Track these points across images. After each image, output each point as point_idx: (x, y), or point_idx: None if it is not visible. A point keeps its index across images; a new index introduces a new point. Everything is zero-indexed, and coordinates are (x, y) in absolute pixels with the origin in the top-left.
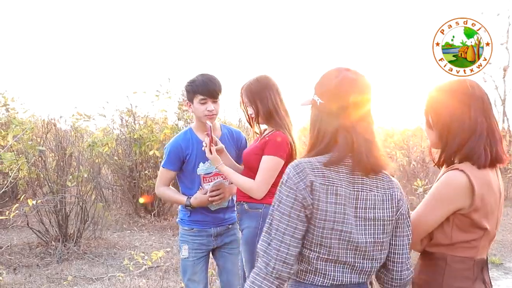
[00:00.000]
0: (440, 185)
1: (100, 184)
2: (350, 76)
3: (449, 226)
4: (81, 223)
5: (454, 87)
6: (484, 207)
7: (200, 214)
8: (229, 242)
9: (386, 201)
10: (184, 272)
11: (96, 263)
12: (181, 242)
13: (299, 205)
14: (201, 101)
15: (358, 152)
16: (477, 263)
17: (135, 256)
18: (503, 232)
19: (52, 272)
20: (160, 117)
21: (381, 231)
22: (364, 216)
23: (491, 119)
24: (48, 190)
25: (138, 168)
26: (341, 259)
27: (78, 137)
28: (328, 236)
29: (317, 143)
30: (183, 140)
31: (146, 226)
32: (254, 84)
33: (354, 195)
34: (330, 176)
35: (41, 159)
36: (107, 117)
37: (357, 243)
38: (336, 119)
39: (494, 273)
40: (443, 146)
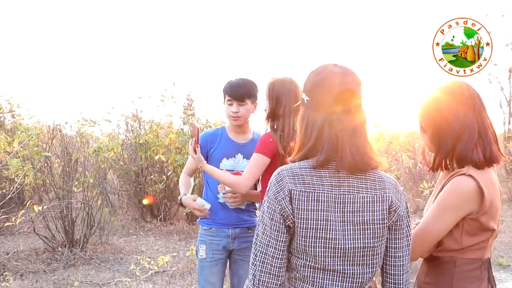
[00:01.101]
0: (448, 192)
1: (106, 189)
2: (335, 70)
3: (459, 232)
4: (87, 229)
5: (444, 90)
6: (491, 209)
7: (219, 211)
8: (245, 247)
9: (376, 203)
10: (200, 272)
11: (103, 268)
12: (199, 243)
13: (278, 216)
14: (228, 102)
15: (343, 150)
16: (484, 263)
17: (142, 261)
18: (510, 234)
19: (59, 277)
20: (166, 121)
21: (371, 235)
22: (352, 220)
23: (484, 119)
24: (54, 195)
25: (144, 173)
26: (329, 267)
27: (83, 142)
28: (311, 244)
29: (304, 142)
30: (211, 134)
31: (152, 231)
32: (278, 84)
33: (340, 199)
34: (311, 182)
35: (47, 165)
36: (113, 122)
37: (345, 249)
38: (321, 115)
39: (502, 274)
40: (436, 149)
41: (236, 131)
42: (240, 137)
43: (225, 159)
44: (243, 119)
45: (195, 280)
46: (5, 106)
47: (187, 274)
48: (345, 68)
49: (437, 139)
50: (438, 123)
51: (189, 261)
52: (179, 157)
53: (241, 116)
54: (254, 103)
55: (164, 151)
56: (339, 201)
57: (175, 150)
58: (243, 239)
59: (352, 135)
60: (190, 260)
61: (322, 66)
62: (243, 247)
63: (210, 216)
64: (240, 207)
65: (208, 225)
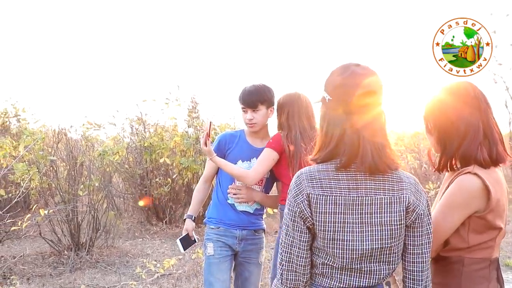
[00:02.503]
0: (454, 190)
1: (111, 193)
2: (358, 71)
3: (465, 230)
4: (93, 232)
5: (449, 90)
6: (498, 207)
7: (228, 211)
8: (250, 250)
9: (394, 204)
10: (208, 270)
11: (109, 271)
12: (207, 241)
13: (298, 218)
14: (243, 109)
15: (364, 151)
16: (492, 262)
17: (148, 264)
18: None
19: (65, 281)
20: (170, 124)
21: (388, 236)
22: (370, 221)
23: (489, 120)
24: (59, 199)
25: (149, 176)
26: (348, 266)
27: (88, 146)
28: (330, 245)
29: (325, 143)
30: (230, 135)
31: (158, 233)
32: (282, 97)
33: (358, 201)
34: (329, 185)
35: (52, 168)
36: (117, 126)
37: (363, 250)
38: (343, 116)
39: (509, 275)
40: (442, 150)
41: (253, 136)
42: (257, 141)
43: (240, 162)
44: (259, 125)
45: (201, 283)
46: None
47: (193, 276)
48: (368, 68)
49: (443, 140)
50: (444, 124)
51: (195, 263)
52: (184, 160)
53: (256, 123)
54: (270, 108)
55: (169, 154)
56: (357, 203)
57: (180, 153)
58: (249, 241)
59: (373, 136)
60: (196, 262)
61: (345, 66)
62: (249, 249)
63: (219, 216)
64: (248, 210)
65: (216, 224)
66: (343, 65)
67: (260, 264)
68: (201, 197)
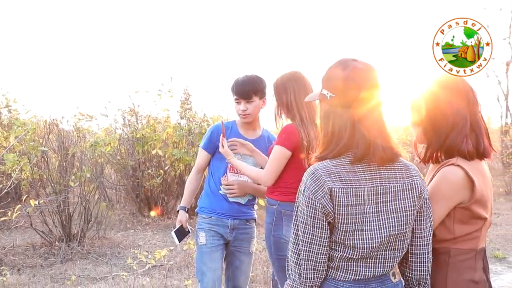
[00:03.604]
0: (438, 182)
1: (103, 184)
2: (359, 66)
3: (451, 221)
4: (85, 223)
5: (439, 83)
6: (482, 197)
7: (220, 201)
8: (241, 239)
9: (406, 191)
10: (200, 259)
11: (100, 262)
12: (199, 230)
13: (320, 214)
14: (236, 100)
15: (375, 143)
16: (478, 252)
17: (139, 255)
18: (506, 227)
19: (56, 272)
20: (163, 116)
21: (404, 222)
22: (386, 209)
23: (476, 113)
24: (51, 190)
25: (141, 168)
26: (365, 256)
27: (80, 137)
28: (351, 237)
29: (333, 140)
30: (224, 126)
31: (150, 225)
32: (281, 77)
33: (374, 191)
34: (347, 178)
35: (44, 159)
36: (110, 117)
37: (381, 237)
38: (349, 111)
39: (498, 267)
40: (428, 142)
41: (245, 127)
42: (249, 133)
43: None
44: (252, 116)
45: (192, 273)
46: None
47: (184, 267)
48: (365, 63)
49: (429, 131)
50: (432, 116)
51: (186, 255)
52: (176, 152)
53: (250, 114)
54: (262, 99)
55: (162, 146)
56: (373, 193)
57: (173, 144)
58: (241, 230)
59: (379, 128)
60: (188, 254)
61: (343, 61)
62: (240, 238)
63: (211, 205)
64: (240, 201)
65: (208, 214)
66: (340, 61)
67: (251, 253)
68: (193, 188)
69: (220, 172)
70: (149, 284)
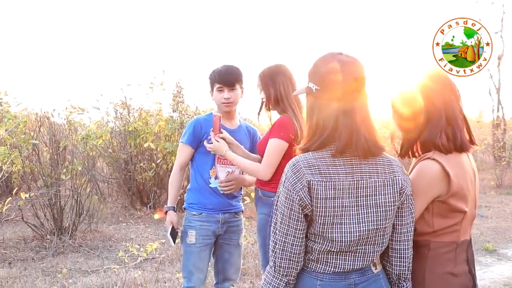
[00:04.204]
0: (415, 176)
1: (95, 177)
2: (344, 59)
3: (430, 215)
4: (76, 216)
5: (417, 77)
6: (460, 190)
7: (210, 196)
8: (231, 232)
9: (387, 186)
10: (187, 258)
11: (92, 255)
12: (188, 228)
13: (296, 206)
14: (219, 89)
15: (358, 136)
16: (460, 245)
17: (131, 248)
18: (497, 220)
19: (47, 265)
20: (155, 109)
21: (384, 217)
22: (366, 204)
23: (454, 107)
24: (42, 183)
25: (133, 161)
26: (344, 249)
27: (72, 130)
28: (329, 230)
29: (318, 132)
30: (204, 119)
31: (142, 218)
32: (268, 69)
33: (354, 185)
34: (327, 171)
35: (35, 152)
36: (101, 110)
37: (360, 231)
38: (334, 104)
39: (488, 259)
40: (404, 135)
41: (225, 117)
42: (229, 123)
43: None
44: (234, 105)
45: None
46: None
47: (176, 261)
48: (350, 56)
49: (405, 125)
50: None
51: (178, 248)
52: (168, 145)
53: (232, 102)
54: (242, 88)
55: (154, 139)
56: (353, 187)
57: (165, 137)
58: (231, 223)
59: (363, 121)
60: (179, 247)
61: (329, 55)
62: (230, 231)
63: (201, 201)
64: (234, 193)
65: (198, 211)
66: (326, 54)
67: (240, 245)
68: (178, 186)
69: (208, 165)
70: (140, 277)
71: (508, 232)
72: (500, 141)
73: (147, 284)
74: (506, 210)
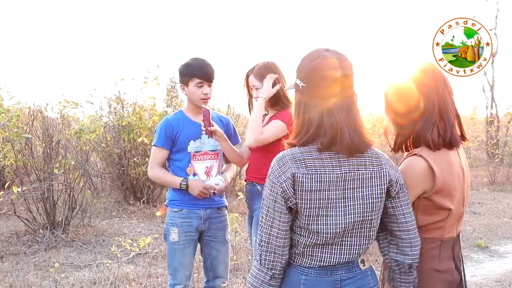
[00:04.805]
0: (402, 172)
1: (88, 172)
2: (330, 56)
3: (414, 211)
4: (69, 211)
5: (410, 71)
6: (445, 188)
7: (189, 194)
8: (216, 228)
9: (375, 178)
10: (172, 255)
11: (84, 250)
12: (170, 225)
13: (280, 198)
14: (198, 84)
15: (342, 133)
16: (444, 242)
17: (123, 243)
18: (489, 216)
19: (40, 259)
20: (149, 104)
21: (369, 209)
22: (352, 196)
23: (446, 102)
24: (35, 178)
25: (127, 155)
26: (329, 241)
27: (65, 124)
28: (314, 222)
29: (304, 128)
30: (173, 119)
31: (135, 213)
32: (264, 69)
33: (341, 177)
34: (313, 164)
35: (28, 146)
36: (95, 104)
37: (346, 223)
38: (319, 100)
39: (480, 256)
40: (397, 130)
41: (196, 112)
42: (197, 117)
43: (192, 141)
44: (209, 100)
45: None
46: None
47: None
48: (337, 52)
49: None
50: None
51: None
52: None
53: (209, 98)
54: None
55: (147, 134)
56: (340, 179)
57: None
58: (214, 219)
59: (348, 117)
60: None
61: (315, 52)
62: (214, 228)
63: (181, 197)
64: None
65: (179, 207)
66: (313, 50)
67: (227, 241)
68: (165, 171)
69: (184, 164)
70: (133, 272)
71: (500, 228)
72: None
73: (139, 279)
74: (499, 207)
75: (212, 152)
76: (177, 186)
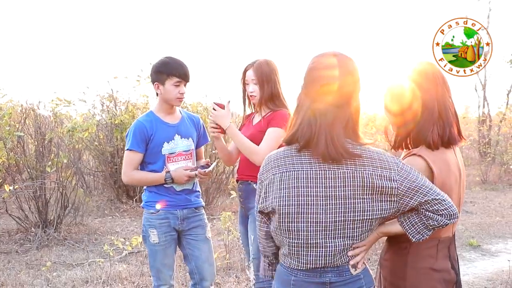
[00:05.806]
0: None
1: (81, 170)
2: (326, 61)
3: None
4: (61, 209)
5: (410, 70)
6: (443, 188)
7: (166, 196)
8: (195, 227)
9: (356, 178)
10: (153, 257)
11: (77, 249)
12: (148, 227)
13: (258, 197)
14: (176, 83)
15: (318, 138)
16: (441, 242)
17: (115, 241)
18: (481, 215)
19: (32, 258)
20: (142, 102)
21: (352, 209)
22: (334, 194)
23: (446, 101)
24: (27, 176)
25: (119, 154)
26: (310, 241)
27: (57, 122)
28: (294, 220)
29: (291, 125)
30: (145, 121)
31: (128, 211)
32: (264, 66)
33: (321, 175)
34: (291, 162)
35: (20, 145)
36: (88, 103)
37: (326, 222)
38: (309, 102)
39: (472, 254)
40: (397, 129)
41: (168, 113)
42: (172, 118)
43: (166, 143)
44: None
45: None
46: None
47: None
48: (342, 58)
49: (398, 118)
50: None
51: None
52: None
53: (184, 97)
54: None
55: None
56: (320, 176)
57: None
58: (191, 219)
59: (331, 125)
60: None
61: (321, 54)
62: (193, 226)
63: (157, 198)
64: (188, 187)
65: (156, 209)
66: (322, 52)
67: (208, 239)
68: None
69: (159, 166)
70: (125, 271)
71: (492, 227)
72: (486, 137)
73: (132, 277)
74: (491, 206)
75: (185, 153)
76: (160, 182)
